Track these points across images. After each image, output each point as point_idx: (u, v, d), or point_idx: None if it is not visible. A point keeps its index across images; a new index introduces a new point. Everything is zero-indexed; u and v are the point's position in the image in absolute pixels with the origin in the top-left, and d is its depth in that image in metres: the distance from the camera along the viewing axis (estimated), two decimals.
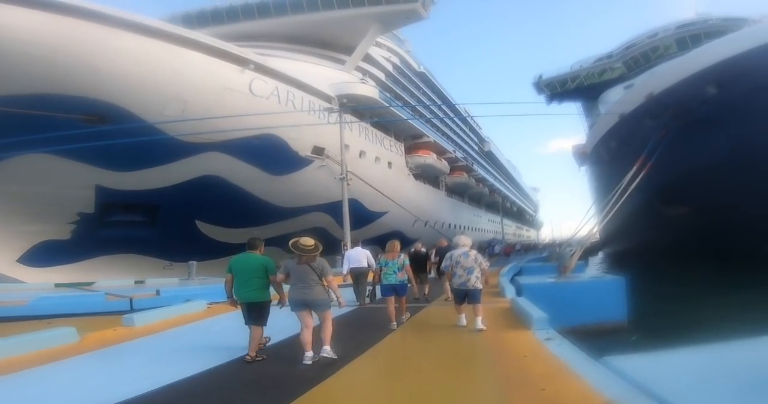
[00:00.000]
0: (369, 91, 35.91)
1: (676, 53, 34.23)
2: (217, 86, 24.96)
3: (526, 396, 4.56)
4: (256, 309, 6.54)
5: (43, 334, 7.83)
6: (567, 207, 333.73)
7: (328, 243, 14.72)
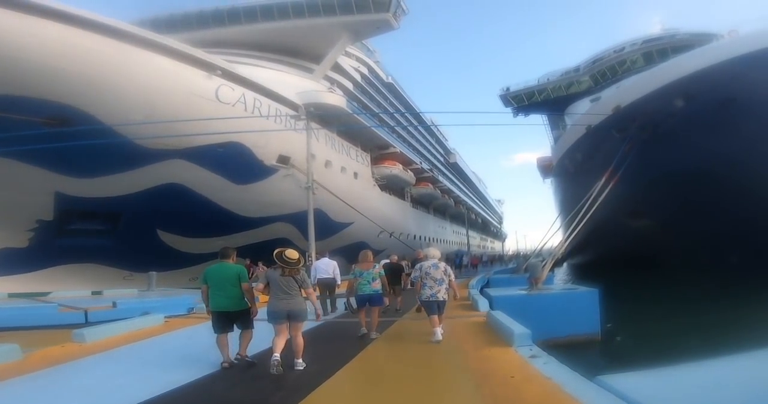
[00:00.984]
0: (336, 100, 35.56)
1: (642, 67, 34.72)
2: (184, 92, 24.26)
3: None
4: (238, 317, 6.65)
5: None
6: (531, 219, 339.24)
7: None
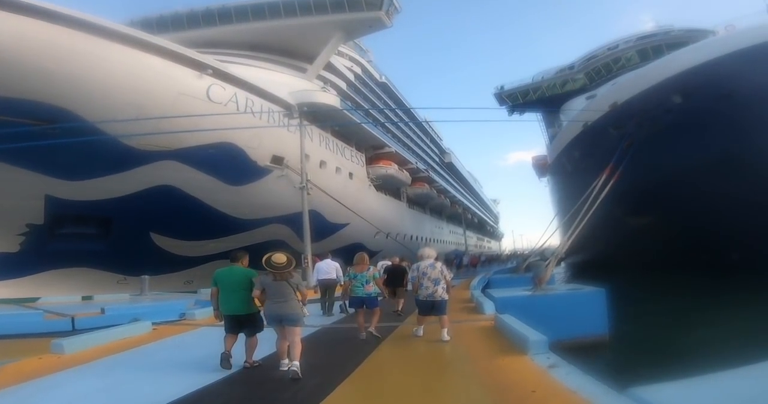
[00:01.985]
0: (330, 99, 35.06)
1: (637, 64, 34.42)
2: (173, 92, 23.75)
3: None
4: (246, 321, 6.62)
5: None
6: (527, 218, 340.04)
7: None
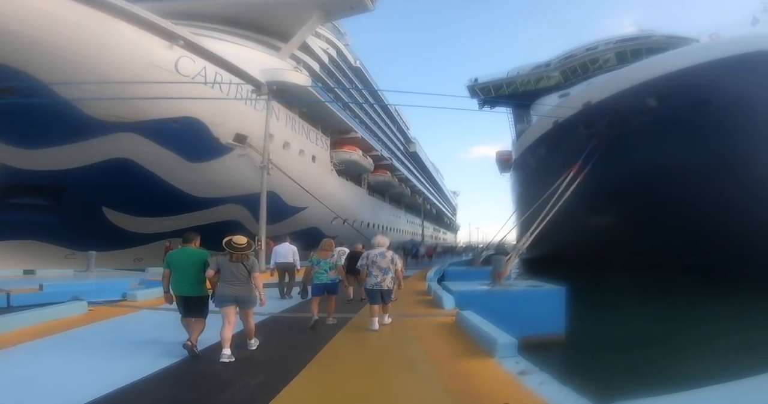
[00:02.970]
0: (301, 79, 34.17)
1: (614, 66, 34.38)
2: (144, 62, 22.77)
3: None
4: (194, 304, 6.56)
5: None
6: (484, 211, 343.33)
7: None
